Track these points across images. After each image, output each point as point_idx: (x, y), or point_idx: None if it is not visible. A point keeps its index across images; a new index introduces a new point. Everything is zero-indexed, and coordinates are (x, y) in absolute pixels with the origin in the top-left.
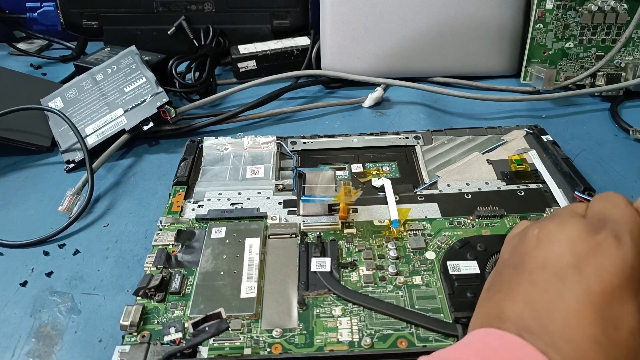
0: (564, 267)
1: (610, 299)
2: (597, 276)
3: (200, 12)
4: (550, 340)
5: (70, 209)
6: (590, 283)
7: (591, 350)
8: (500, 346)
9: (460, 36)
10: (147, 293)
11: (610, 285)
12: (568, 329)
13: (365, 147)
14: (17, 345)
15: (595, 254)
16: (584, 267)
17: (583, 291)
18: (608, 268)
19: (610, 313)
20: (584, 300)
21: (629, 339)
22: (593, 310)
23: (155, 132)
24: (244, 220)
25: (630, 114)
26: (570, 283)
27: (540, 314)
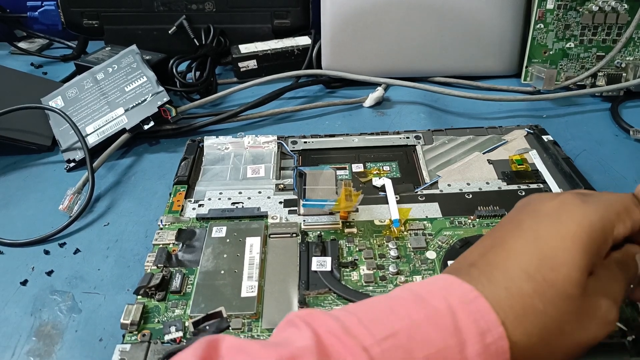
0: (525, 217)
1: (556, 247)
2: (551, 225)
3: (201, 12)
4: (485, 269)
5: (70, 208)
6: (541, 226)
7: (521, 280)
8: (423, 282)
9: (461, 36)
10: (147, 292)
11: (561, 234)
12: (506, 261)
13: (365, 146)
14: (17, 344)
15: (558, 208)
16: (541, 216)
17: (532, 232)
18: (563, 219)
19: (551, 257)
20: (529, 240)
21: (565, 284)
22: (536, 251)
23: (155, 131)
24: (244, 219)
25: (631, 114)
26: (525, 229)
27: (488, 252)
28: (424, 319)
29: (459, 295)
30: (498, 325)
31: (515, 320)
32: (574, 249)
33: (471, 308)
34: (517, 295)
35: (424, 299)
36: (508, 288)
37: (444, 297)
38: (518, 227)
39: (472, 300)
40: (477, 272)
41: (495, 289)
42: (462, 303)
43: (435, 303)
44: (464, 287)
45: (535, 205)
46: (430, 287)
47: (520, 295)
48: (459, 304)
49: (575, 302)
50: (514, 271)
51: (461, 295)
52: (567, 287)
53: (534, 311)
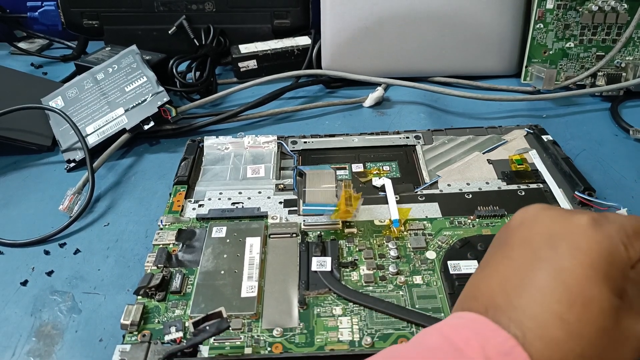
0: (540, 244)
1: (581, 278)
2: (570, 254)
3: (200, 12)
4: (514, 315)
5: (70, 208)
6: (563, 260)
7: (555, 327)
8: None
9: (461, 36)
10: (147, 292)
11: (582, 264)
12: (534, 304)
13: (365, 146)
14: (17, 344)
15: (572, 234)
16: (558, 245)
17: (554, 268)
18: (582, 247)
19: (579, 292)
20: (554, 277)
21: (598, 320)
22: (561, 287)
23: (155, 131)
24: (244, 219)
25: (631, 114)
26: (543, 259)
27: (510, 289)
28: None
29: (495, 345)
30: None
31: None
32: (599, 279)
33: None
34: (552, 344)
35: (461, 351)
36: (542, 337)
37: (481, 347)
38: (536, 256)
39: (510, 352)
40: (505, 318)
41: (529, 338)
42: (500, 355)
43: (472, 354)
44: (499, 336)
45: (546, 224)
46: (464, 334)
47: (557, 343)
48: (497, 355)
49: (611, 334)
50: (545, 317)
51: (497, 345)
52: (601, 321)
53: (573, 356)
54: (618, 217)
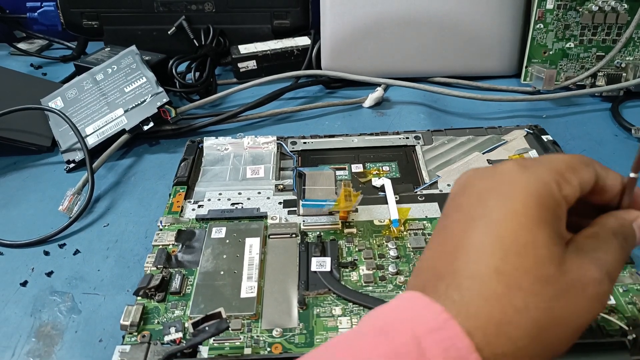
0: (471, 204)
1: (513, 227)
2: (499, 205)
3: (200, 12)
4: (453, 279)
5: (70, 208)
6: (493, 213)
7: (492, 280)
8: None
9: (461, 36)
10: (147, 293)
11: (512, 212)
12: (470, 263)
13: (365, 147)
14: (17, 344)
15: (500, 184)
16: (487, 199)
17: (486, 223)
18: (510, 195)
19: (512, 241)
20: (487, 232)
21: (537, 267)
22: (495, 240)
23: (155, 132)
24: (244, 220)
25: (631, 114)
26: (476, 218)
27: (447, 255)
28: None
29: (427, 321)
30: (472, 351)
31: (496, 331)
32: (532, 223)
33: (440, 335)
34: (492, 299)
35: (386, 334)
36: (481, 294)
37: (410, 327)
38: (468, 217)
39: (441, 326)
40: (444, 285)
41: (468, 302)
42: (430, 331)
43: (400, 336)
44: (432, 310)
45: (476, 184)
46: (396, 315)
47: (495, 298)
48: (427, 332)
49: (557, 282)
50: (481, 272)
51: (429, 321)
52: (542, 268)
53: (515, 311)
54: (549, 156)
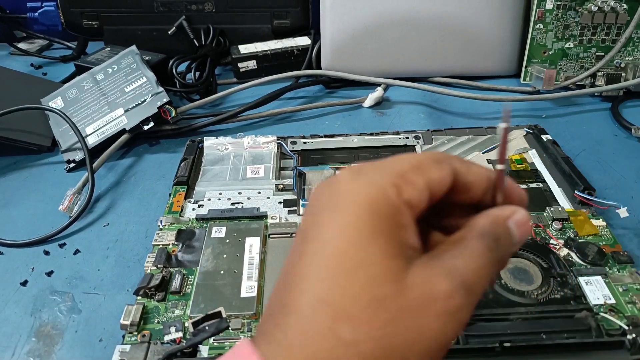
0: (307, 224)
1: (342, 246)
2: (329, 221)
3: (200, 12)
4: (281, 317)
5: (70, 208)
6: (323, 232)
7: (317, 312)
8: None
9: (461, 36)
10: (147, 292)
11: (342, 228)
12: (297, 294)
13: (365, 147)
14: (17, 344)
15: (332, 197)
16: (320, 216)
17: (316, 245)
18: (339, 206)
19: (342, 262)
20: (315, 255)
21: (368, 289)
22: (322, 264)
23: (155, 131)
24: (244, 219)
25: (630, 114)
26: (309, 239)
27: (281, 288)
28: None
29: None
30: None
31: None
32: (363, 237)
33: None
34: (316, 335)
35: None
36: (304, 331)
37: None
38: (303, 240)
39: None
40: (271, 325)
41: (291, 342)
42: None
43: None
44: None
45: (314, 202)
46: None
47: (320, 333)
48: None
49: (393, 304)
50: (306, 305)
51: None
52: (373, 289)
53: (344, 346)
54: (391, 158)
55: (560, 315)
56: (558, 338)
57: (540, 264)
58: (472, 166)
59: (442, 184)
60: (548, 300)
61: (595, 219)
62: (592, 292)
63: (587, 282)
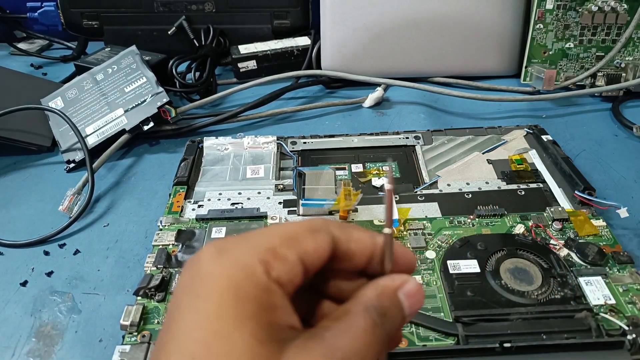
0: (170, 314)
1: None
2: (189, 310)
3: (200, 12)
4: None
5: (70, 208)
6: (182, 323)
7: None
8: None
9: (461, 36)
10: (147, 293)
11: (204, 318)
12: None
13: (365, 147)
14: (17, 344)
15: (194, 278)
16: (181, 301)
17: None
18: (200, 291)
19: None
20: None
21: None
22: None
23: (155, 132)
24: (244, 220)
25: (630, 114)
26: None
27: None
28: None
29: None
30: None
31: None
32: (227, 326)
33: None
34: None
35: None
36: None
37: None
38: (163, 333)
39: None
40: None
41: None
42: None
43: None
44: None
45: (179, 283)
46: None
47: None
48: None
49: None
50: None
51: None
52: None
53: None
54: (260, 231)
55: (560, 315)
56: (558, 338)
57: (540, 264)
58: (354, 232)
59: (318, 256)
60: (548, 300)
61: (595, 219)
62: (592, 293)
63: (587, 283)
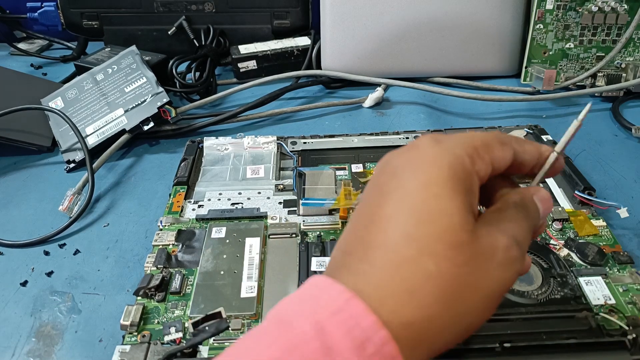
0: (386, 180)
1: (425, 196)
2: (411, 177)
3: (200, 12)
4: (364, 252)
5: (70, 208)
6: (406, 185)
7: (403, 246)
8: (293, 295)
9: (461, 36)
10: (147, 293)
11: (425, 182)
12: (381, 233)
13: (365, 147)
14: (17, 344)
15: (413, 158)
16: (401, 173)
17: (399, 195)
18: (423, 167)
19: (425, 209)
20: (398, 202)
21: (450, 233)
22: (407, 209)
23: (155, 132)
24: (244, 220)
25: (631, 114)
26: (390, 191)
27: (359, 231)
28: (286, 352)
29: (328, 304)
30: (378, 328)
31: (408, 298)
32: (444, 193)
33: (343, 317)
34: (403, 264)
35: (287, 323)
36: (392, 260)
37: (312, 313)
38: (383, 191)
39: (343, 307)
40: (355, 260)
41: (378, 271)
42: (332, 314)
43: (301, 325)
44: (334, 291)
45: (391, 162)
46: (297, 303)
47: (407, 263)
48: (328, 316)
49: (468, 249)
50: (392, 240)
51: (330, 303)
52: (453, 234)
53: (426, 276)
54: (465, 133)
55: (560, 315)
56: (558, 338)
57: (540, 264)
58: (527, 146)
59: (504, 162)
60: (548, 300)
61: (595, 219)
62: (592, 293)
63: (587, 283)
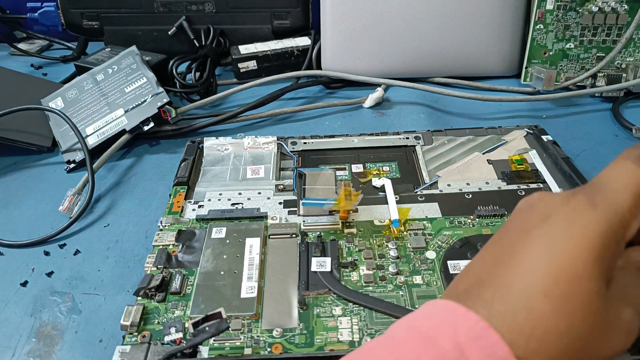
0: (534, 223)
1: (572, 257)
2: (563, 232)
3: (200, 13)
4: (501, 291)
5: (70, 209)
6: (555, 238)
7: (540, 301)
8: (427, 313)
9: (461, 36)
10: (147, 293)
11: (575, 243)
12: (521, 279)
13: (365, 147)
14: (17, 345)
15: (568, 213)
16: (553, 224)
17: (546, 245)
18: (576, 227)
19: (568, 269)
20: (544, 253)
21: (586, 298)
22: (550, 263)
23: (155, 132)
24: (244, 220)
25: (631, 114)
26: (536, 237)
27: (498, 263)
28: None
29: (467, 329)
30: (512, 357)
31: (537, 348)
32: (591, 258)
33: (482, 344)
34: (536, 318)
35: (431, 340)
36: (528, 312)
37: (452, 334)
38: (526, 236)
39: (481, 335)
40: (489, 293)
41: (513, 316)
42: (471, 339)
43: (443, 342)
44: (470, 318)
45: (542, 209)
46: (434, 322)
47: (541, 318)
48: (468, 340)
49: (599, 315)
50: (529, 291)
51: (469, 329)
52: (589, 300)
53: (557, 332)
54: (615, 191)
55: None
56: None
57: None
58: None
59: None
60: None
61: None
62: None
63: None
